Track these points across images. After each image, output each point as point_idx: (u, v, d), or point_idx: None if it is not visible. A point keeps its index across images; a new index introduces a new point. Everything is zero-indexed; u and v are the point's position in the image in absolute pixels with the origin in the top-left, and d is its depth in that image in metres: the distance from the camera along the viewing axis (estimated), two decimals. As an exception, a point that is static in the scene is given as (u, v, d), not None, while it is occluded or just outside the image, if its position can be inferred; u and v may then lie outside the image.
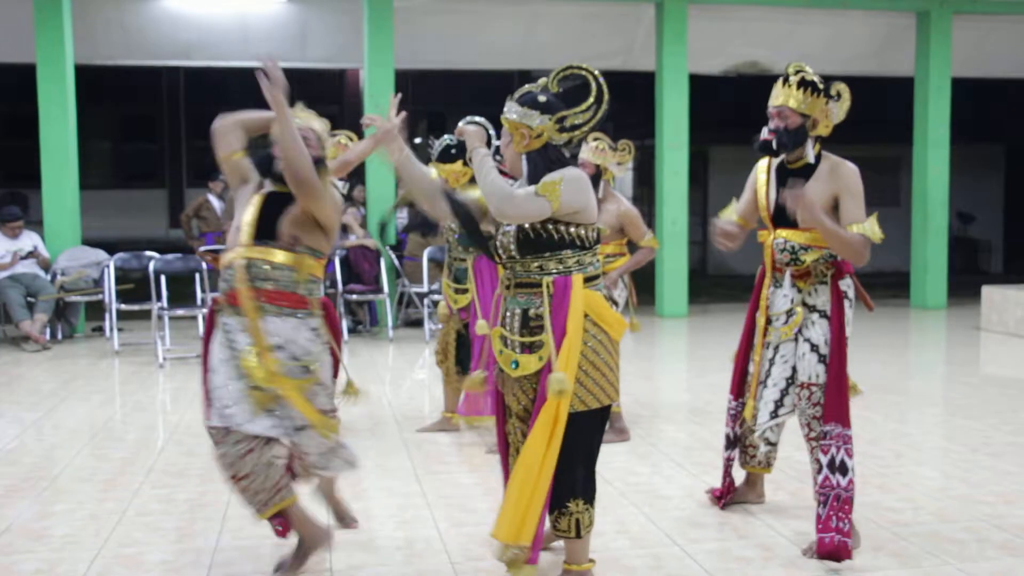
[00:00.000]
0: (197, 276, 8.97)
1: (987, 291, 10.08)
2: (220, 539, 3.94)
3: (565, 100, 3.32)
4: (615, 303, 3.30)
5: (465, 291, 5.43)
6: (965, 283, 13.65)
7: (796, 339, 3.84)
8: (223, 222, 10.85)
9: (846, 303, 3.80)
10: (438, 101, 20.52)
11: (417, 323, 10.04)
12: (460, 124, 3.41)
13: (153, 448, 5.43)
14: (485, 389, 3.74)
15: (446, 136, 5.43)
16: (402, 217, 11.12)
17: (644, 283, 12.48)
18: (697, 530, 4.01)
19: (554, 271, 3.19)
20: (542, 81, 3.38)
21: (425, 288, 9.52)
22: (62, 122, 9.78)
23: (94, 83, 11.18)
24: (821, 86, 3.77)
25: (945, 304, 11.81)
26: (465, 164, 5.32)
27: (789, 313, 3.84)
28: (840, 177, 3.72)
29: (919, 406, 6.63)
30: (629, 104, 19.31)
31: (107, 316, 9.16)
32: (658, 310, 11.20)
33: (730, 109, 16.48)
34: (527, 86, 3.40)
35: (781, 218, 3.86)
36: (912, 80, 12.01)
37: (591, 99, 3.31)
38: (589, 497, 3.25)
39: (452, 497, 4.48)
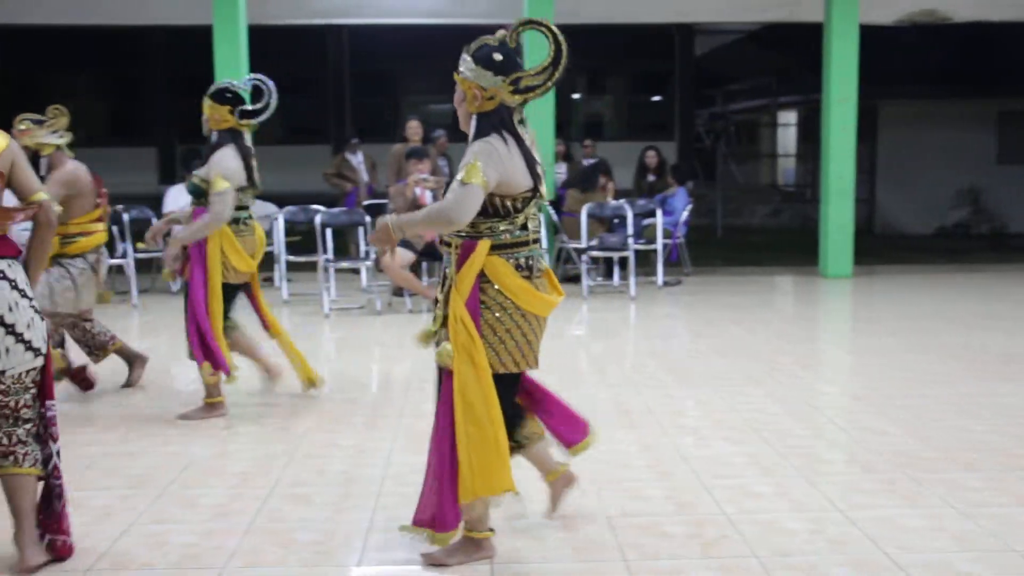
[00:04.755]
0: (360, 229, 9.23)
1: None
2: (383, 484, 4.08)
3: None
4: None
5: None
6: None
7: None
8: (359, 179, 11.17)
9: None
10: (596, 57, 20.33)
11: (575, 279, 10.04)
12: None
13: (319, 394, 5.64)
14: None
15: (229, 80, 5.42)
16: (560, 173, 11.12)
17: (806, 242, 12.14)
18: (860, 496, 3.90)
19: (465, 234, 3.18)
20: (500, 34, 3.23)
21: (583, 244, 9.51)
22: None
23: (263, 43, 11.55)
24: None
25: None
26: (231, 113, 5.15)
27: None
28: None
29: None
30: (795, 56, 18.70)
31: (276, 267, 9.53)
32: (821, 270, 10.87)
33: (903, 61, 15.74)
34: (483, 38, 3.24)
35: None
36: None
37: (548, 60, 3.17)
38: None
39: (609, 453, 4.49)
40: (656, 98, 22.25)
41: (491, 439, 3.16)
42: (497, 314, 3.18)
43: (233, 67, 10.09)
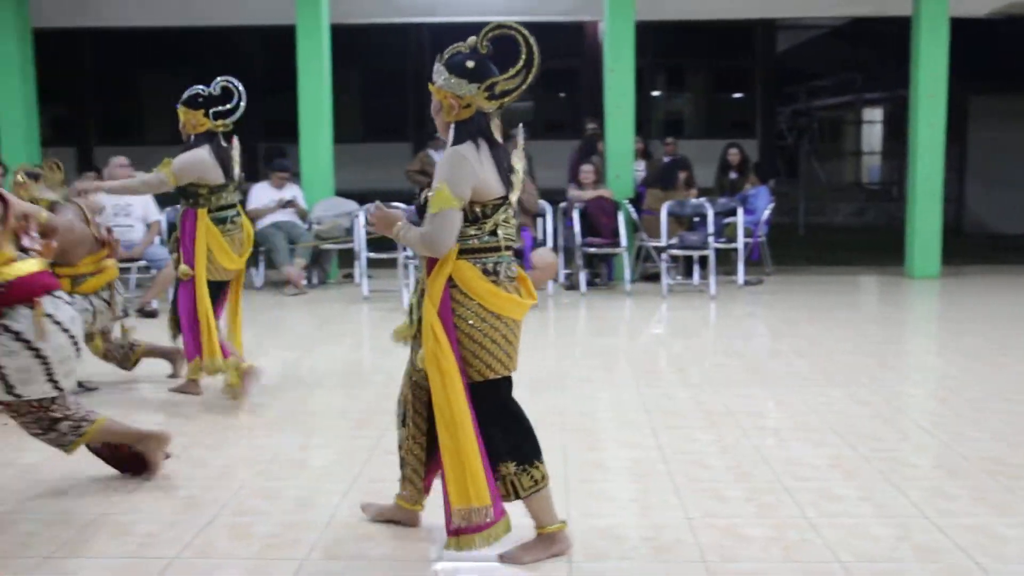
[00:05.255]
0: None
1: None
2: (462, 480, 4.10)
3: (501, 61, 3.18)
4: None
5: None
6: None
7: None
8: None
9: None
10: (678, 55, 20.18)
11: (654, 277, 9.98)
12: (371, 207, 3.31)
13: (396, 389, 5.68)
14: None
15: (198, 87, 5.54)
16: (640, 170, 11.06)
17: (891, 241, 11.87)
18: (948, 502, 3.81)
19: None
20: (471, 40, 3.23)
21: (663, 242, 9.45)
22: (318, 79, 10.31)
23: (345, 42, 11.71)
24: None
25: None
26: (205, 115, 5.44)
27: None
28: None
29: None
30: (881, 51, 18.32)
31: (357, 264, 9.65)
32: (907, 270, 10.62)
33: (995, 55, 15.28)
34: (455, 46, 3.26)
35: None
36: None
37: (520, 63, 3.16)
38: (519, 458, 3.23)
39: (689, 452, 4.45)
40: (737, 95, 21.99)
41: (459, 448, 3.13)
42: (471, 321, 3.16)
43: (316, 66, 10.24)
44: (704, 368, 6.28)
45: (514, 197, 3.27)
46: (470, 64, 3.18)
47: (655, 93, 21.61)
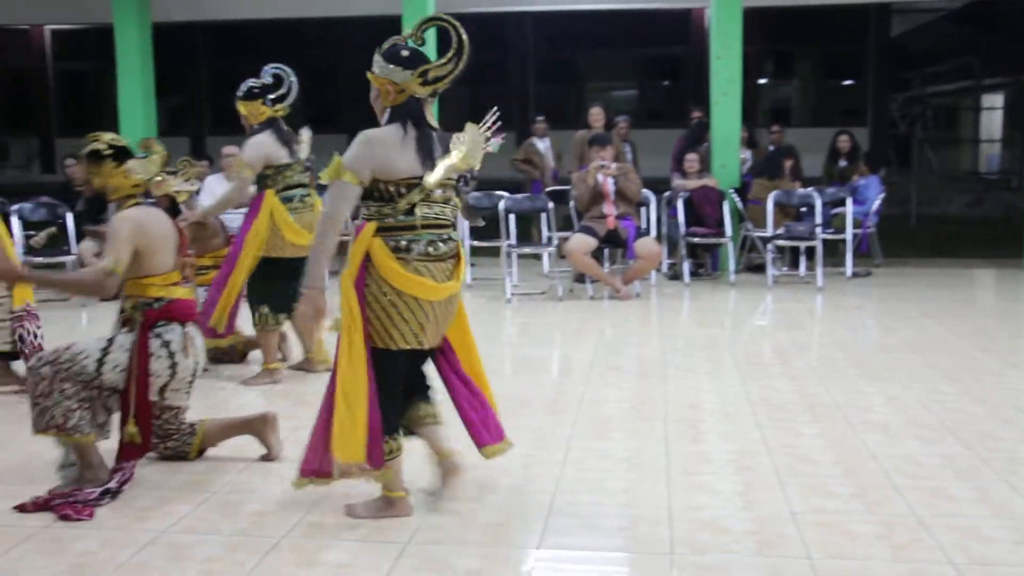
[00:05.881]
0: (543, 216, 9.29)
1: None
2: (563, 469, 4.11)
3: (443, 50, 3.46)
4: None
5: None
6: None
7: None
8: (545, 165, 11.15)
9: None
10: (784, 40, 19.76)
11: (759, 268, 9.82)
12: None
13: (501, 378, 5.73)
14: None
15: (251, 80, 5.79)
16: (745, 159, 10.88)
17: (1010, 233, 11.42)
18: (1070, 504, 3.66)
19: (363, 216, 3.49)
20: (407, 33, 3.54)
21: (769, 232, 9.28)
22: (424, 69, 10.40)
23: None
24: None
25: None
26: (264, 104, 5.70)
27: None
28: None
29: None
30: (1002, 35, 17.63)
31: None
32: (1027, 263, 10.21)
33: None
34: (392, 39, 3.54)
35: None
36: None
37: (451, 51, 3.45)
38: (385, 430, 3.47)
39: (794, 446, 4.37)
40: (848, 82, 21.42)
41: (351, 409, 3.38)
42: (374, 290, 3.41)
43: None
44: (810, 361, 6.16)
45: (431, 179, 3.42)
46: (405, 53, 3.48)
47: (762, 80, 21.19)
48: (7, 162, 21.77)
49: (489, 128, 3.63)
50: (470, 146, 3.53)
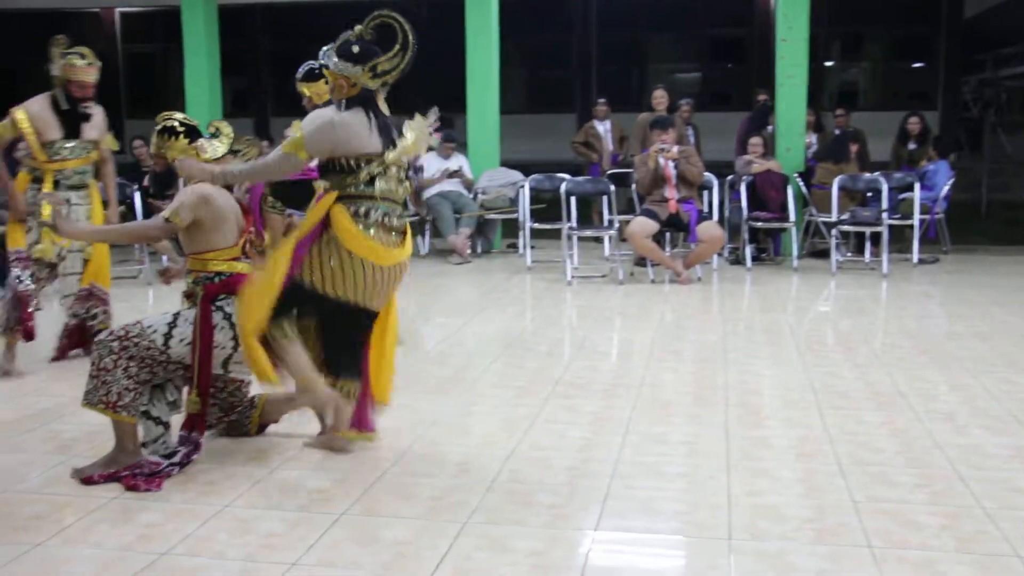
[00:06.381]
0: (605, 198, 9.25)
1: None
2: (622, 452, 4.10)
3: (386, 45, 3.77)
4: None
5: None
6: None
7: None
8: (603, 148, 11.08)
9: None
10: (852, 21, 19.38)
11: (823, 253, 9.67)
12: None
13: (560, 361, 5.74)
14: None
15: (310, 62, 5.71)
16: (811, 143, 10.71)
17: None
18: None
19: (324, 187, 3.89)
20: (358, 29, 3.83)
21: (834, 217, 9.14)
22: (486, 51, 10.41)
23: (512, 13, 11.76)
24: None
25: None
26: (326, 83, 5.53)
27: None
28: None
29: None
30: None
31: (521, 234, 9.73)
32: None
33: None
34: (344, 34, 3.84)
35: None
36: None
37: (397, 45, 3.79)
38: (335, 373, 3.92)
39: (856, 434, 4.32)
40: (918, 64, 20.95)
41: (256, 294, 3.78)
42: (323, 246, 3.76)
43: (484, 37, 10.34)
44: (874, 348, 6.06)
45: (391, 156, 3.81)
46: (355, 49, 3.79)
47: (828, 63, 20.82)
48: (78, 142, 22.22)
49: (431, 124, 4.01)
50: (418, 133, 3.93)
